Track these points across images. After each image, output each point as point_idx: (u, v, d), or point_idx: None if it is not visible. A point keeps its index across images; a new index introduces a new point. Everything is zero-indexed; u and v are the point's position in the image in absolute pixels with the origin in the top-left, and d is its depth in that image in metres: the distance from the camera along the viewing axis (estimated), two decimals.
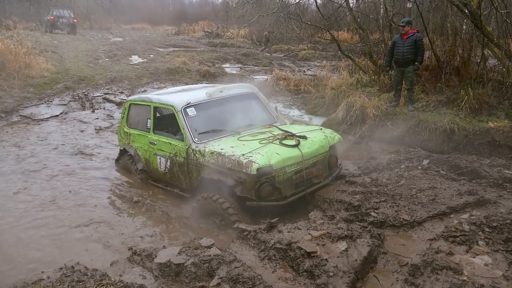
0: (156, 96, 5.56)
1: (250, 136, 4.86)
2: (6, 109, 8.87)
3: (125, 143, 5.99)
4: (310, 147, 4.61)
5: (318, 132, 5.00)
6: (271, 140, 4.61)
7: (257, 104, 5.68)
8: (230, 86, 5.82)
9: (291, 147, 4.48)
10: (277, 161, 4.28)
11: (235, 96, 5.50)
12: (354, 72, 12.34)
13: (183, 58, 17.04)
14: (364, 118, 8.27)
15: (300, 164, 4.47)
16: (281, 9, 13.08)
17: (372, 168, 5.99)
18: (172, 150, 5.06)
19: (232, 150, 4.41)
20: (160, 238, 4.14)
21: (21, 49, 12.13)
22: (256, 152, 4.31)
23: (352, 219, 4.09)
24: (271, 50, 23.59)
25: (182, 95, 5.42)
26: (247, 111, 5.46)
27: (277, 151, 4.37)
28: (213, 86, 5.94)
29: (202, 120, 5.02)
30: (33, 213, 4.57)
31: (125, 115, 6.00)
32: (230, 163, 4.29)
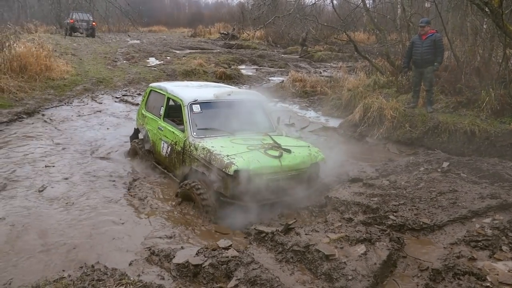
0: (171, 87, 6.01)
1: (242, 140, 5.11)
2: (28, 110, 9.05)
3: (140, 124, 6.53)
4: (290, 161, 4.80)
5: (303, 149, 5.17)
6: (258, 147, 4.86)
7: (260, 112, 5.93)
8: (239, 91, 6.22)
9: (273, 158, 4.70)
10: (255, 167, 4.51)
11: (240, 101, 5.79)
12: (371, 73, 12.24)
13: (200, 60, 17.15)
14: (381, 120, 8.19)
15: (277, 174, 4.67)
16: (297, 11, 13.04)
17: (390, 171, 5.93)
18: (174, 138, 5.48)
19: (220, 150, 4.75)
20: (178, 239, 4.16)
21: (42, 52, 12.37)
22: (240, 155, 4.60)
23: (370, 222, 4.05)
24: (307, 51, 23.22)
25: (193, 91, 5.82)
26: (248, 116, 5.65)
27: (258, 159, 4.62)
28: (226, 88, 6.32)
29: (204, 118, 5.38)
30: (53, 212, 4.65)
31: (145, 99, 6.58)
32: (215, 161, 4.63)
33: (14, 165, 5.99)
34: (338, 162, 6.84)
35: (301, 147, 5.21)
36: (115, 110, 9.94)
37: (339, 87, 12.13)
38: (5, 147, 6.77)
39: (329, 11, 25.35)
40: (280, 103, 11.54)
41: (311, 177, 5.07)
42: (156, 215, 4.77)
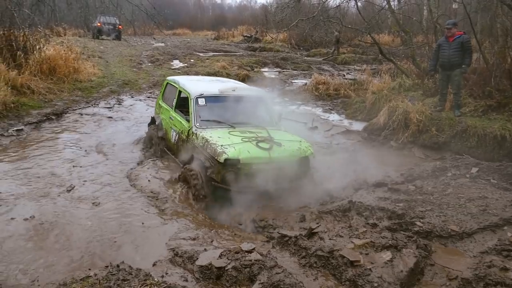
0: (183, 81, 6.64)
1: (240, 132, 5.52)
2: (56, 111, 9.29)
3: (156, 113, 7.22)
4: (279, 153, 5.15)
5: (294, 143, 5.50)
6: (251, 140, 5.26)
7: (261, 107, 6.32)
8: (243, 88, 6.71)
9: (263, 149, 5.10)
10: (245, 157, 4.94)
11: (243, 96, 6.16)
12: (396, 76, 12.04)
13: (223, 63, 17.24)
14: (407, 124, 8.03)
15: (266, 165, 5.01)
16: (321, 13, 12.96)
17: (415, 176, 5.80)
18: (181, 127, 6.03)
19: (216, 140, 5.19)
20: (201, 241, 4.17)
21: (71, 55, 12.68)
22: (232, 146, 5.04)
23: (396, 228, 3.97)
24: (339, 51, 22.95)
25: (201, 86, 6.38)
26: (250, 111, 6.05)
27: (249, 149, 5.05)
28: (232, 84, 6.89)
29: (207, 110, 5.88)
30: (80, 212, 4.74)
31: (162, 90, 7.28)
32: (210, 149, 5.10)
33: (42, 165, 6.14)
34: (361, 166, 6.76)
35: (293, 142, 5.55)
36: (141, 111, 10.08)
37: (363, 90, 11.98)
38: (33, 146, 6.96)
39: (353, 13, 25.14)
40: (303, 106, 11.48)
41: (300, 170, 5.33)
42: (180, 216, 4.81)
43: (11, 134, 7.44)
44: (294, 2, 11.85)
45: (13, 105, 8.71)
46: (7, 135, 7.34)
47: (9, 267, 3.61)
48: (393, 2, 14.89)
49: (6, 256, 3.74)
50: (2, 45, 10.74)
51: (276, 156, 5.10)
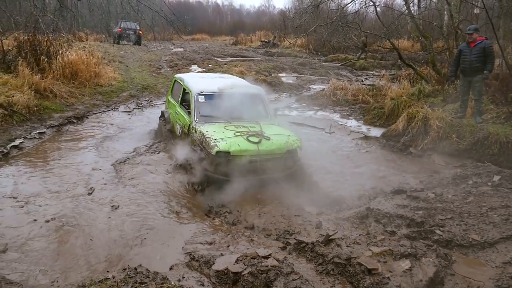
0: (187, 79, 7.21)
1: (234, 127, 5.99)
2: (77, 115, 9.48)
3: (166, 108, 7.93)
4: (267, 146, 5.61)
5: (283, 137, 5.91)
6: (243, 134, 5.72)
7: (258, 103, 6.80)
8: (241, 85, 7.14)
9: (252, 143, 5.55)
10: (235, 150, 5.41)
11: (241, 93, 6.61)
12: (415, 81, 11.90)
13: (241, 68, 17.32)
14: (426, 130, 7.91)
15: (255, 157, 5.49)
16: (340, 18, 12.91)
17: (435, 183, 5.71)
18: (184, 122, 6.55)
19: (211, 134, 5.68)
20: (218, 245, 4.18)
21: (92, 60, 12.95)
22: (224, 140, 5.52)
23: (415, 236, 3.91)
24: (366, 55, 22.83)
25: (203, 84, 6.88)
26: (246, 107, 6.49)
27: (239, 143, 5.50)
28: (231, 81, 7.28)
29: (206, 106, 6.36)
30: (99, 214, 4.81)
31: (171, 87, 7.92)
32: (205, 142, 5.60)
33: (64, 168, 6.26)
34: (380, 172, 6.69)
35: (281, 135, 5.96)
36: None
37: (381, 96, 11.87)
38: (55, 149, 7.11)
39: (371, 19, 24.96)
40: (321, 111, 11.44)
41: (288, 161, 5.76)
42: (197, 221, 4.83)
43: (34, 137, 7.62)
44: (313, 8, 11.84)
45: (36, 109, 8.93)
46: (30, 138, 7.51)
47: (30, 268, 3.69)
48: (413, 7, 14.72)
49: (28, 257, 3.83)
50: (26, 50, 11.04)
51: (264, 149, 5.57)
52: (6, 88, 9.31)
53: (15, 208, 4.80)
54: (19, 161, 6.44)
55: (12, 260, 3.75)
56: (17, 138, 7.33)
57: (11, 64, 10.89)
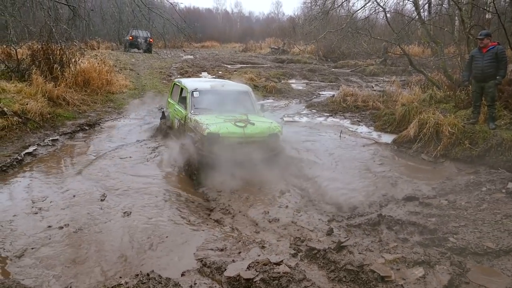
0: (185, 81, 8.46)
1: (224, 116, 6.84)
2: (89, 122, 9.59)
3: (166, 108, 8.95)
4: (252, 130, 6.51)
5: (265, 123, 6.90)
6: (231, 120, 6.62)
7: (246, 99, 7.84)
8: (231, 84, 8.52)
9: (239, 127, 6.46)
10: (224, 132, 6.30)
11: (230, 90, 7.93)
12: (426, 87, 11.81)
13: (250, 75, 17.39)
14: (438, 136, 7.84)
15: (242, 139, 6.36)
16: (350, 24, 12.92)
17: (448, 190, 5.65)
18: (181, 115, 7.51)
19: (204, 121, 6.60)
20: (229, 252, 4.18)
21: (104, 67, 13.12)
22: (215, 124, 6.44)
23: (428, 244, 3.87)
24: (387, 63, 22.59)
25: (198, 83, 7.98)
26: (235, 102, 7.58)
27: (227, 127, 6.42)
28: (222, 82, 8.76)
29: (200, 101, 7.37)
30: (112, 220, 4.85)
31: (171, 90, 9.04)
32: (198, 127, 6.53)
33: (77, 175, 6.33)
34: (391, 179, 6.63)
35: (265, 122, 6.97)
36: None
37: (392, 102, 11.81)
38: (68, 156, 7.20)
39: (381, 25, 24.91)
40: (331, 118, 11.42)
41: (269, 144, 6.66)
42: (208, 227, 4.84)
43: (47, 144, 7.72)
44: (323, 15, 11.87)
45: (49, 116, 9.07)
46: (43, 145, 7.62)
47: (44, 273, 3.73)
48: (424, 13, 14.66)
49: (42, 262, 3.87)
50: (40, 59, 11.23)
51: (249, 132, 6.47)
52: (21, 96, 9.47)
53: (30, 214, 4.86)
54: (33, 168, 6.53)
55: (26, 266, 3.79)
56: (31, 145, 7.44)
57: (25, 73, 11.09)
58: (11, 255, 3.95)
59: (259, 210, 5.36)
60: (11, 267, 3.78)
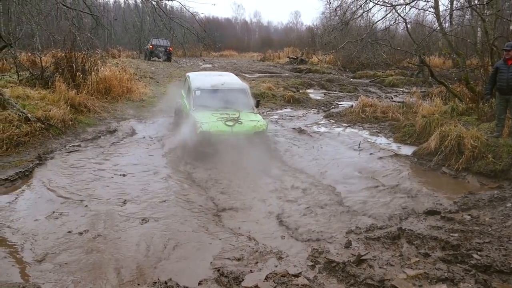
0: (192, 77, 9.55)
1: (219, 114, 8.00)
2: (109, 129, 9.73)
3: (179, 99, 9.80)
4: (239, 129, 7.64)
5: (252, 122, 7.94)
6: (222, 120, 7.76)
7: (242, 97, 8.78)
8: (230, 83, 9.30)
9: (227, 126, 7.62)
10: (214, 130, 7.50)
11: (230, 89, 8.93)
12: (448, 99, 11.62)
13: (269, 84, 17.42)
14: (460, 149, 7.67)
15: (230, 136, 7.45)
16: (369, 35, 12.86)
17: (470, 205, 5.52)
18: (186, 109, 8.67)
19: (200, 119, 7.76)
20: (246, 261, 4.15)
21: (125, 75, 13.35)
22: (207, 123, 7.60)
23: (451, 260, 3.76)
24: (424, 75, 22.15)
25: (201, 81, 9.05)
26: (233, 99, 8.59)
27: (217, 126, 7.60)
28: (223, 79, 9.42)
29: (202, 99, 8.49)
30: (130, 227, 4.88)
31: (184, 82, 10.17)
32: (195, 125, 7.67)
33: (97, 181, 6.41)
34: (411, 192, 6.51)
35: (252, 121, 7.97)
36: None
37: (412, 114, 11.64)
38: (88, 162, 7.30)
39: (401, 35, 24.75)
40: (349, 128, 11.32)
41: (256, 140, 7.63)
42: (225, 236, 4.82)
43: (69, 150, 7.86)
44: (342, 25, 11.85)
45: (71, 123, 9.25)
46: (64, 151, 7.75)
47: (63, 278, 3.76)
48: (445, 24, 14.50)
49: (61, 267, 3.91)
50: (63, 66, 11.51)
51: (237, 130, 7.61)
52: (44, 102, 9.70)
53: (50, 219, 4.94)
54: (54, 174, 6.63)
55: (47, 270, 3.84)
56: (53, 151, 7.58)
57: (49, 80, 11.37)
58: (32, 259, 4.01)
59: (278, 218, 5.32)
60: (32, 271, 3.83)
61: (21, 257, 4.08)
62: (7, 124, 7.72)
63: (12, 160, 6.84)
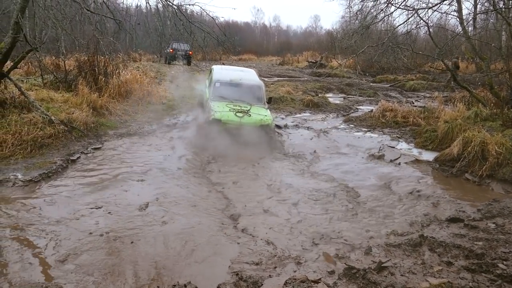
0: (216, 70, 10.76)
1: (233, 105, 9.07)
2: (129, 132, 9.86)
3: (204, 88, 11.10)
4: (247, 120, 8.68)
5: (260, 116, 8.90)
6: (234, 111, 8.82)
7: (257, 92, 9.77)
8: (247, 78, 10.28)
9: (237, 117, 8.67)
10: (225, 119, 8.59)
11: (246, 84, 9.94)
12: (471, 104, 11.38)
13: (287, 88, 17.39)
14: (484, 156, 7.50)
15: (238, 126, 8.53)
16: (390, 39, 12.70)
17: (495, 212, 5.38)
18: (206, 98, 9.92)
19: (215, 108, 8.91)
20: (265, 266, 4.13)
21: (145, 79, 13.52)
22: (220, 112, 8.74)
23: (475, 269, 3.66)
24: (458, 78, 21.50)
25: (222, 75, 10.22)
26: (247, 93, 9.59)
27: (228, 115, 8.69)
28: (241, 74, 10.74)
29: (220, 90, 9.61)
30: (149, 229, 4.92)
31: (209, 72, 11.39)
32: (209, 113, 8.88)
33: (119, 181, 6.50)
34: (433, 198, 6.39)
35: (260, 115, 8.93)
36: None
37: (433, 119, 11.44)
38: (109, 164, 7.40)
39: (422, 39, 24.35)
40: (369, 133, 11.19)
41: (261, 132, 8.60)
42: (243, 240, 4.82)
43: (90, 152, 7.99)
44: (363, 29, 11.75)
45: (93, 125, 9.40)
46: (86, 153, 7.89)
47: (84, 279, 3.82)
48: (469, 28, 14.21)
49: (83, 268, 3.97)
50: (86, 70, 11.73)
51: (245, 121, 8.62)
52: (67, 105, 9.89)
53: (72, 220, 5.01)
54: (76, 176, 6.75)
55: (68, 271, 3.90)
56: (75, 153, 7.72)
57: (72, 83, 11.61)
58: (55, 260, 4.08)
59: (297, 223, 5.29)
60: (55, 271, 3.90)
61: (44, 257, 4.16)
62: (32, 126, 7.90)
63: (36, 161, 6.98)
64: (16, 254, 4.17)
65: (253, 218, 5.48)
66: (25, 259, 4.09)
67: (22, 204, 5.39)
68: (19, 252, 4.21)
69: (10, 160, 6.84)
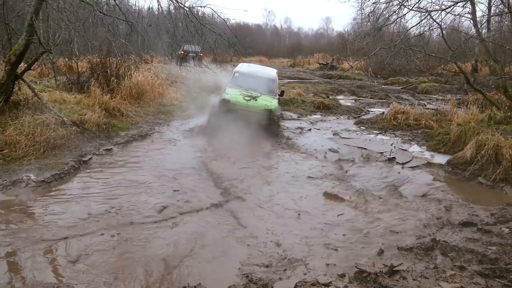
0: (239, 65, 12.02)
1: (245, 92, 10.07)
2: (141, 133, 9.92)
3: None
4: (252, 104, 9.72)
5: (265, 102, 9.89)
6: (243, 96, 9.87)
7: (270, 83, 10.91)
8: (264, 72, 11.74)
9: (245, 100, 9.73)
10: (233, 101, 9.70)
11: (261, 76, 11.21)
12: (484, 107, 11.22)
13: (298, 90, 17.35)
14: (498, 159, 7.38)
15: (244, 108, 9.61)
16: (403, 41, 12.59)
17: (509, 217, 5.30)
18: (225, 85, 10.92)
19: (229, 92, 10.09)
20: (275, 268, 4.12)
21: (157, 81, 13.60)
22: (231, 95, 9.90)
23: (489, 274, 3.60)
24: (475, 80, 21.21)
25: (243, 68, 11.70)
26: (262, 84, 10.66)
27: (236, 98, 9.78)
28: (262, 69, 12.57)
29: (238, 79, 10.80)
30: (162, 232, 4.94)
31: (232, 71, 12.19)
32: (224, 95, 9.98)
33: (131, 182, 6.54)
34: (446, 202, 6.31)
35: (266, 101, 9.90)
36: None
37: (446, 121, 11.31)
38: (121, 166, 7.46)
39: (435, 41, 24.12)
40: (381, 135, 11.10)
41: (264, 116, 9.60)
42: (253, 242, 4.81)
43: (102, 153, 8.06)
44: (375, 31, 11.68)
45: (104, 126, 9.47)
46: (98, 154, 7.95)
47: (95, 279, 3.85)
48: (482, 30, 14.04)
49: (94, 269, 4.00)
50: (98, 72, 11.85)
51: (251, 105, 9.67)
52: (79, 107, 10.00)
53: (84, 221, 5.05)
54: (88, 176, 6.81)
55: (80, 271, 3.93)
56: (87, 154, 7.79)
57: (84, 85, 11.73)
58: (67, 260, 4.12)
59: (307, 225, 5.27)
60: (66, 271, 3.93)
61: (56, 258, 4.20)
62: (45, 127, 7.98)
63: (48, 162, 7.06)
64: (28, 255, 4.21)
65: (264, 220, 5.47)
66: (37, 260, 4.13)
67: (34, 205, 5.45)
68: (31, 253, 4.24)
69: (23, 161, 6.92)
